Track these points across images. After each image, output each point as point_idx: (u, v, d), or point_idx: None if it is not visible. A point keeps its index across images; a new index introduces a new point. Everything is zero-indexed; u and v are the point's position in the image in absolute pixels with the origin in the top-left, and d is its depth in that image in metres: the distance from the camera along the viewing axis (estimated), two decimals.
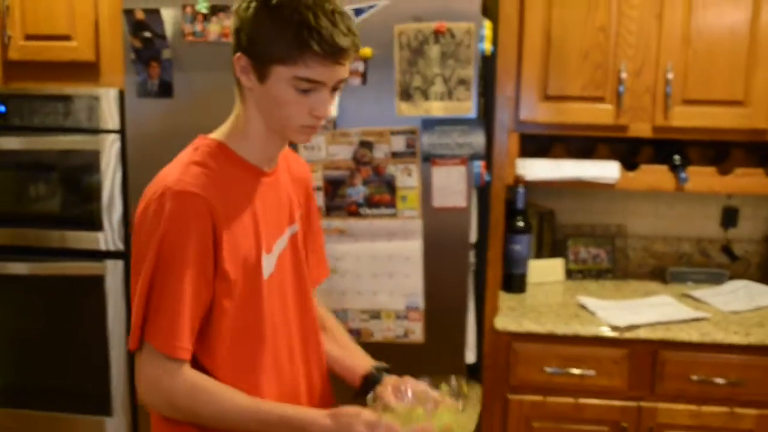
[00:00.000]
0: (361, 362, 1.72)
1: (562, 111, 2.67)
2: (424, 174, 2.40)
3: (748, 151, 2.85)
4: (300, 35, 1.34)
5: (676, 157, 2.71)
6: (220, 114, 2.43)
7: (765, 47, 2.60)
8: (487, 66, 2.60)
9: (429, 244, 2.43)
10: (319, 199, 2.41)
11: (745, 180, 2.73)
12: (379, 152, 2.38)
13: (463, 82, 2.33)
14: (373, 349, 2.46)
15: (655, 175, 2.71)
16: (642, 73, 2.64)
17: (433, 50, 2.32)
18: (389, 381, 1.60)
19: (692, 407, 2.53)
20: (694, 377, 2.51)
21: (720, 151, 2.87)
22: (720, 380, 2.50)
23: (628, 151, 2.93)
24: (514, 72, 2.64)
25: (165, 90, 2.49)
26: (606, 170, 2.70)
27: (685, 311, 2.64)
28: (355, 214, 2.42)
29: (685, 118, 2.64)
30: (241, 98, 1.49)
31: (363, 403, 1.54)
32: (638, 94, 2.65)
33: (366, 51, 2.34)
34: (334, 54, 1.36)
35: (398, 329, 2.46)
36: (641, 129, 2.68)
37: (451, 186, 2.37)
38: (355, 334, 2.46)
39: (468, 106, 2.34)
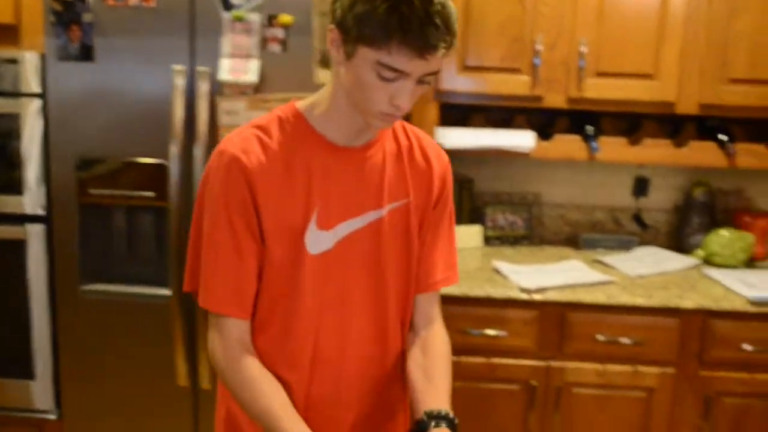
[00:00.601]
0: (427, 404, 1.50)
1: (481, 81, 2.75)
2: None
3: (659, 123, 2.98)
4: (389, 21, 1.26)
5: (589, 128, 2.82)
6: (141, 78, 2.48)
7: (673, 24, 2.71)
8: None
9: None
10: None
11: (654, 150, 2.85)
12: None
13: None
14: None
15: (568, 145, 2.81)
16: (557, 46, 2.73)
17: None
18: None
19: (598, 366, 2.65)
20: (600, 337, 2.62)
21: (632, 122, 2.99)
22: (625, 340, 2.62)
23: (545, 122, 3.02)
24: None
25: (86, 54, 2.50)
26: (521, 140, 2.80)
27: (593, 275, 2.76)
28: None
29: (597, 90, 2.75)
30: (333, 71, 1.44)
31: None
32: (553, 66, 2.74)
33: (286, 18, 2.38)
34: (420, 48, 1.28)
35: None
36: (556, 100, 2.78)
37: None
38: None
39: None
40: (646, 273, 2.84)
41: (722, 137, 2.82)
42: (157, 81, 2.49)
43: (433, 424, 1.44)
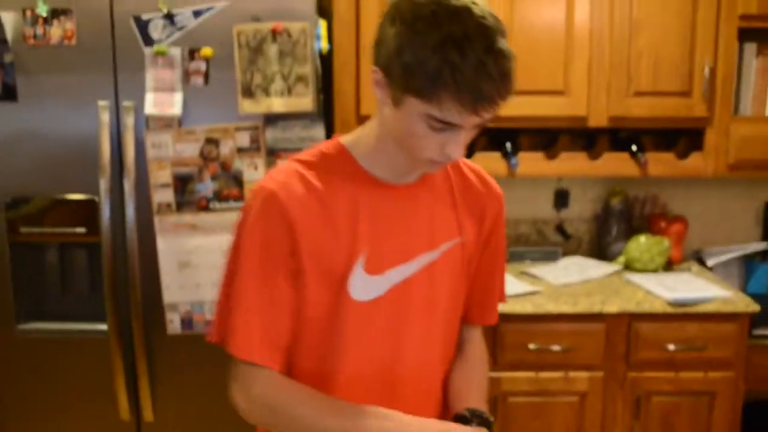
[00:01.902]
0: (469, 402, 1.47)
1: None
2: (270, 167, 2.51)
3: (574, 137, 3.11)
4: (439, 74, 1.16)
5: (507, 145, 2.93)
6: (67, 115, 2.50)
7: (579, 42, 2.85)
8: (327, 63, 2.74)
9: None
10: (168, 196, 2.49)
11: (571, 163, 2.97)
12: (225, 148, 2.48)
13: (301, 79, 2.45)
14: None
15: (488, 162, 2.91)
16: None
17: (272, 49, 2.44)
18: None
19: (531, 374, 2.74)
20: (532, 346, 2.71)
21: (549, 137, 3.11)
22: (555, 347, 2.72)
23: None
24: (353, 68, 2.79)
25: (9, 94, 2.50)
26: None
27: (521, 287, 2.85)
28: (205, 208, 2.51)
29: (512, 107, 2.80)
30: (378, 110, 1.35)
31: None
32: None
33: (206, 51, 2.44)
34: (474, 103, 1.18)
35: None
36: None
37: None
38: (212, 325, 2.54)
39: (307, 102, 2.47)
40: (571, 281, 2.95)
41: (633, 148, 2.95)
42: (83, 117, 2.51)
43: (475, 422, 1.39)
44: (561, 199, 3.31)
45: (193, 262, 2.53)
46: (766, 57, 2.96)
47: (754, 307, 2.72)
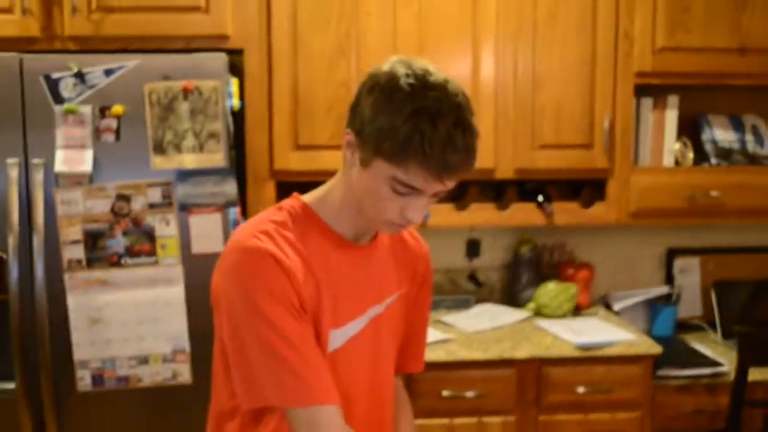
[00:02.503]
0: None
1: (313, 159, 2.90)
2: (182, 222, 2.53)
3: (482, 188, 3.21)
4: (410, 140, 1.23)
5: None
6: None
7: (485, 97, 2.96)
8: (239, 119, 2.79)
9: (191, 288, 2.55)
10: (79, 252, 2.48)
11: (480, 214, 3.06)
12: (137, 204, 2.49)
13: (213, 135, 2.50)
14: (142, 395, 2.56)
15: None
16: None
17: (183, 107, 2.48)
18: None
19: (445, 420, 2.78)
20: (446, 393, 2.76)
21: (459, 188, 3.20)
22: (469, 393, 2.77)
23: None
24: (266, 124, 2.85)
25: None
26: None
27: (434, 334, 2.91)
28: (116, 264, 2.51)
29: None
30: (342, 168, 1.41)
31: None
32: None
33: (118, 109, 2.46)
34: (440, 171, 1.25)
35: (166, 372, 2.56)
36: None
37: (208, 232, 2.52)
38: (123, 381, 2.53)
39: (219, 158, 2.51)
40: (483, 328, 3.02)
41: (540, 198, 3.06)
42: None
43: None
44: (472, 248, 3.40)
45: (104, 318, 2.51)
46: (661, 111, 3.12)
47: (657, 348, 2.83)
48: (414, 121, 1.23)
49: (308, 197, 1.47)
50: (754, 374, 2.77)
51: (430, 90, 1.26)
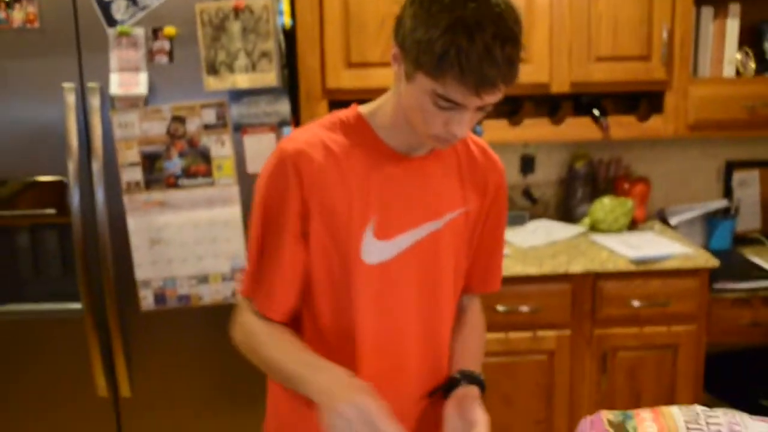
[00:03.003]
0: (460, 365, 1.54)
1: (366, 76, 2.87)
2: (237, 143, 2.55)
3: (538, 103, 3.16)
4: (446, 54, 1.20)
5: None
6: (33, 98, 2.51)
7: (540, 10, 2.88)
8: (290, 38, 2.77)
9: (247, 207, 2.55)
10: (137, 174, 2.52)
11: (535, 129, 3.03)
12: (192, 125, 2.51)
13: (265, 54, 2.49)
14: (203, 313, 2.63)
15: None
16: None
17: (234, 26, 2.47)
18: (459, 393, 1.46)
19: (500, 335, 2.81)
20: (501, 308, 2.78)
21: (514, 104, 3.16)
22: (523, 308, 2.79)
23: None
24: (317, 43, 2.82)
25: None
26: None
27: None
28: (173, 186, 2.54)
29: None
30: (394, 82, 1.40)
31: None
32: None
33: (170, 30, 2.46)
34: (477, 85, 1.21)
35: (226, 290, 2.61)
36: None
37: (263, 152, 2.53)
38: (185, 300, 2.60)
39: (272, 78, 2.50)
40: (538, 244, 3.02)
41: (595, 112, 3.01)
42: (48, 100, 2.52)
43: (463, 382, 1.47)
44: (527, 164, 3.37)
45: (164, 238, 2.56)
46: (722, 20, 3.02)
47: (714, 262, 2.80)
48: (450, 34, 1.19)
49: (364, 108, 1.47)
50: None
51: (469, 0, 1.21)
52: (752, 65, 3.10)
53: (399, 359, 1.50)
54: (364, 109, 1.47)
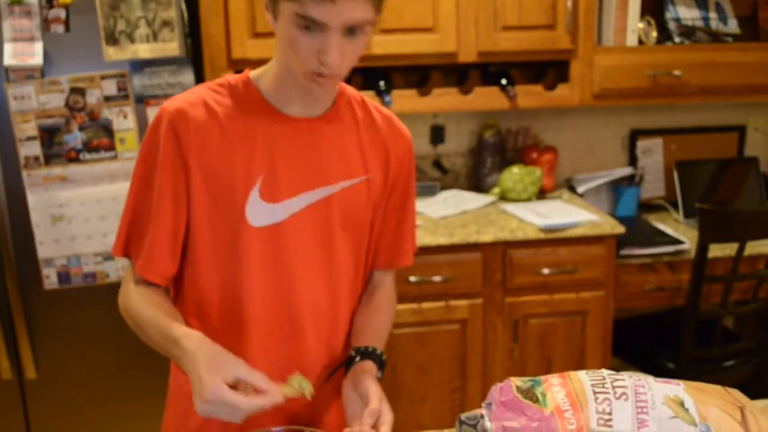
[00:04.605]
0: (359, 343, 1.50)
1: (272, 47, 2.81)
2: (140, 115, 2.48)
3: (445, 73, 3.17)
4: None
5: (381, 83, 2.96)
6: None
7: None
8: (194, 6, 2.70)
9: None
10: (35, 149, 2.43)
11: (443, 99, 3.03)
12: (92, 97, 2.43)
13: (167, 23, 2.42)
14: (109, 290, 2.56)
15: None
16: None
17: None
18: (355, 369, 1.43)
19: (414, 305, 2.82)
20: (413, 278, 2.80)
21: (422, 75, 3.16)
22: (436, 278, 2.81)
23: None
24: (221, 11, 2.76)
25: None
26: None
27: None
28: (75, 160, 2.46)
29: (383, 46, 2.88)
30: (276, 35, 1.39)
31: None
32: None
33: None
34: None
35: None
36: None
37: None
38: (90, 278, 2.53)
39: (174, 47, 2.44)
40: (449, 214, 3.03)
41: (503, 81, 3.04)
42: None
43: (358, 358, 1.44)
44: (437, 134, 3.38)
45: (66, 215, 2.49)
46: None
47: (620, 228, 2.87)
48: None
49: (254, 72, 1.46)
50: (714, 251, 2.82)
51: None
52: (654, 34, 3.18)
53: (291, 327, 1.47)
54: (253, 73, 1.46)
